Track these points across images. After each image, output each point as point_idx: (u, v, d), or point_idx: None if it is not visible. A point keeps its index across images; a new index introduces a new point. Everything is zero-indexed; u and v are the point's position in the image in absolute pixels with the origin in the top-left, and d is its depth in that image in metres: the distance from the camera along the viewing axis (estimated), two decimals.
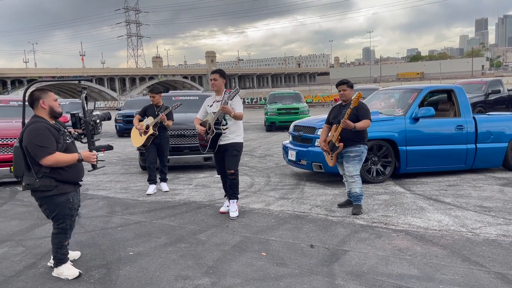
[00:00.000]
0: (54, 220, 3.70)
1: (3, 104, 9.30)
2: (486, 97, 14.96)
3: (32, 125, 3.48)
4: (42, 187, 3.51)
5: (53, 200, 3.59)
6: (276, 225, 5.03)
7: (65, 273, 3.73)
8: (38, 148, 3.40)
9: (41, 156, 3.41)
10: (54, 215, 3.66)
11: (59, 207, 3.63)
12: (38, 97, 3.58)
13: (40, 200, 3.63)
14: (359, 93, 5.18)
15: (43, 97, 3.58)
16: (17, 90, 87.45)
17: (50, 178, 3.52)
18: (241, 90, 14.49)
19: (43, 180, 3.50)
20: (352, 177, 5.44)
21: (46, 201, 3.60)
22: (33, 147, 3.41)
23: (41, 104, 3.57)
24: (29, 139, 3.42)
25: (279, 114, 17.59)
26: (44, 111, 3.59)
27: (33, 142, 3.41)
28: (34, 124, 3.49)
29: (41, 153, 3.40)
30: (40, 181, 3.49)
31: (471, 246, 4.19)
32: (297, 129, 7.73)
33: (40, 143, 3.40)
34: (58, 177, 3.55)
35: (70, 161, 3.54)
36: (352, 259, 3.96)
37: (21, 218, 5.74)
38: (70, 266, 3.81)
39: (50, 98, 3.61)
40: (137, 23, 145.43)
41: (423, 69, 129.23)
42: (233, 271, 3.76)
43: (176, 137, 8.38)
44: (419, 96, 7.43)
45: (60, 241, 3.72)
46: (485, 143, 7.44)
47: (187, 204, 6.14)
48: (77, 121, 3.89)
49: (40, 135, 3.43)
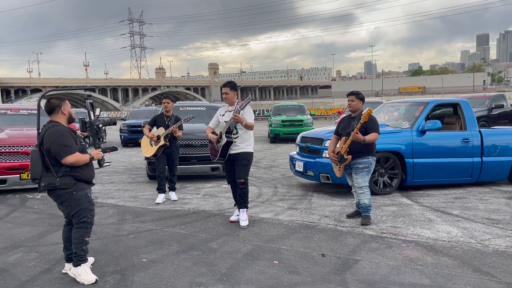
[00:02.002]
0: (76, 216, 3.86)
1: (13, 113, 9.41)
2: (489, 111, 15.07)
3: (54, 128, 3.74)
4: (62, 185, 3.75)
5: (73, 196, 3.82)
6: (286, 234, 5.08)
7: (82, 276, 3.79)
8: (61, 148, 3.66)
9: (64, 155, 3.67)
10: (76, 210, 3.84)
11: (80, 201, 3.84)
12: (58, 105, 3.86)
13: (60, 198, 3.82)
14: (370, 110, 5.27)
15: (63, 105, 3.89)
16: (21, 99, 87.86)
17: (70, 176, 3.78)
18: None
19: (63, 178, 3.75)
20: (361, 188, 5.50)
21: (67, 197, 3.81)
22: (57, 146, 3.66)
23: (62, 111, 3.87)
24: (53, 140, 3.66)
25: (283, 126, 17.69)
26: (64, 117, 3.89)
27: (57, 142, 3.66)
28: (56, 127, 3.76)
29: (64, 152, 3.67)
30: (60, 180, 3.74)
31: (481, 257, 4.23)
32: (305, 141, 7.81)
33: (64, 143, 3.68)
34: (76, 175, 3.81)
35: (86, 160, 3.83)
36: (364, 268, 4.00)
37: (33, 224, 5.79)
38: (88, 270, 3.87)
39: (68, 106, 3.93)
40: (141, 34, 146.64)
41: (425, 84, 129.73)
42: (246, 279, 3.81)
43: (184, 147, 8.46)
44: (425, 109, 7.52)
45: (81, 235, 3.85)
46: (491, 156, 7.50)
47: (197, 213, 6.20)
48: (83, 124, 4.23)
49: (63, 136, 3.71)
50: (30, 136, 8.04)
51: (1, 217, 6.20)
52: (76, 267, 3.85)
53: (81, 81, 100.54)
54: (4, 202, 7.19)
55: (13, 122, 9.07)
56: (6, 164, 7.62)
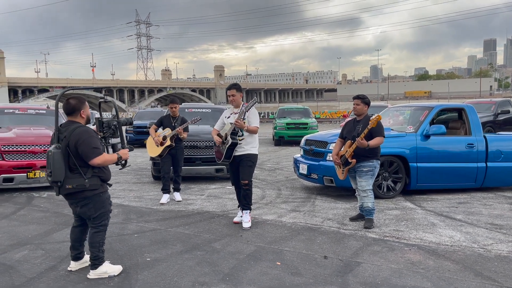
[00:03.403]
0: (97, 218, 3.84)
1: (21, 112, 9.51)
2: (495, 117, 15.03)
3: (81, 128, 3.70)
4: (91, 186, 3.72)
5: (100, 198, 3.81)
6: (289, 236, 5.11)
7: (109, 271, 3.87)
8: (91, 149, 3.63)
9: (93, 156, 3.64)
10: (99, 213, 3.83)
11: (105, 203, 3.85)
12: (78, 108, 3.80)
13: (86, 199, 3.76)
14: (379, 116, 5.29)
15: (83, 108, 3.83)
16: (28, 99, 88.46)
17: (97, 177, 3.77)
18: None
19: (92, 179, 3.73)
20: (365, 191, 5.53)
21: (93, 199, 3.77)
22: (86, 147, 3.62)
23: (81, 114, 3.82)
24: (82, 140, 3.62)
25: (288, 129, 17.74)
26: (82, 119, 3.84)
27: (87, 143, 3.62)
28: (83, 127, 3.72)
29: (93, 154, 3.64)
30: (89, 181, 3.70)
31: (483, 261, 4.24)
32: (309, 143, 7.84)
33: (93, 144, 3.66)
34: (102, 176, 3.82)
35: (113, 161, 3.82)
36: (366, 270, 4.03)
37: (39, 223, 5.86)
38: (109, 264, 3.96)
39: (87, 108, 3.88)
40: (147, 36, 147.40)
41: (431, 88, 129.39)
42: (249, 279, 3.85)
43: (188, 148, 8.51)
44: (430, 113, 7.54)
45: (101, 239, 3.87)
46: (496, 162, 7.50)
47: (201, 214, 6.25)
48: (100, 124, 4.04)
49: (92, 137, 3.70)
50: (38, 135, 8.14)
51: (8, 215, 6.28)
52: (97, 268, 3.86)
53: (87, 82, 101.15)
54: (11, 200, 7.28)
55: (20, 121, 9.18)
56: (13, 163, 7.72)
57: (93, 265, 3.88)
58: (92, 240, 3.86)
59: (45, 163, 7.89)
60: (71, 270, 4.04)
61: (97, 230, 3.86)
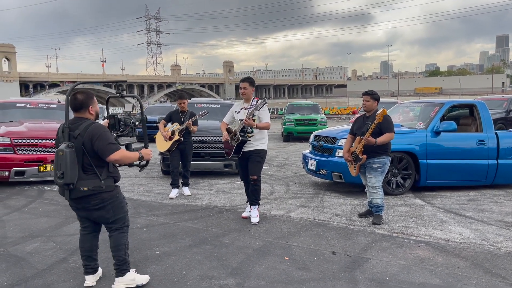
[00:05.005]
0: (119, 220, 3.57)
1: (32, 106, 9.62)
2: (507, 113, 14.81)
3: (94, 125, 3.41)
4: (107, 187, 3.45)
5: (117, 199, 3.56)
6: (297, 232, 5.12)
7: (137, 279, 3.60)
8: (107, 145, 3.35)
9: (111, 152, 3.35)
10: (121, 214, 3.58)
11: (122, 204, 3.60)
12: (86, 103, 3.49)
13: (102, 202, 3.46)
14: (384, 110, 5.26)
15: (91, 104, 3.51)
16: (39, 93, 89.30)
17: (112, 178, 3.52)
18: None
19: (107, 180, 3.47)
20: (374, 188, 5.51)
21: (111, 201, 3.50)
22: (103, 143, 3.34)
23: (90, 110, 3.51)
24: (98, 136, 3.34)
25: (297, 125, 17.69)
26: (91, 116, 3.54)
27: (103, 138, 3.35)
28: (97, 124, 3.45)
29: (111, 149, 3.35)
30: (105, 182, 3.44)
31: (493, 259, 4.21)
32: (318, 139, 7.82)
33: (110, 139, 3.40)
34: (117, 176, 3.58)
35: (133, 158, 3.55)
36: (374, 266, 4.02)
37: (50, 215, 5.94)
38: (134, 272, 3.72)
39: (96, 104, 3.57)
40: (157, 31, 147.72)
41: (442, 85, 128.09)
42: (257, 273, 3.86)
43: (197, 143, 8.54)
44: (441, 110, 7.46)
45: (126, 240, 3.60)
46: (507, 159, 7.41)
47: (209, 209, 6.28)
48: (116, 122, 3.82)
49: (107, 132, 3.45)
50: (49, 129, 8.22)
51: (20, 208, 6.37)
52: (124, 275, 3.55)
53: (97, 77, 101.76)
54: (22, 194, 7.38)
55: (32, 115, 9.29)
56: (25, 157, 7.81)
57: (120, 271, 3.55)
58: (116, 243, 3.54)
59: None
60: (92, 287, 3.64)
61: (121, 231, 3.57)
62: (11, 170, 7.68)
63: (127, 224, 3.65)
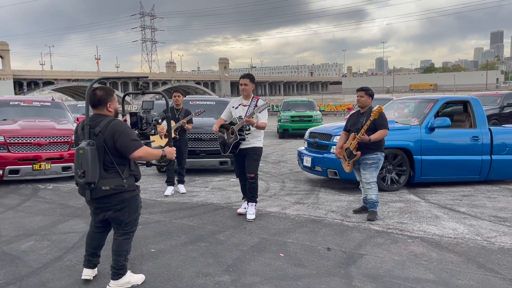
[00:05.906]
0: (129, 223, 3.47)
1: (26, 104, 9.57)
2: (501, 109, 14.91)
3: (115, 121, 3.32)
4: (129, 187, 3.35)
5: (136, 200, 3.47)
6: (292, 228, 5.14)
7: (132, 280, 3.55)
8: (130, 141, 3.25)
9: (134, 149, 3.25)
10: (134, 217, 3.48)
11: (137, 208, 3.50)
12: (105, 100, 3.37)
13: (123, 203, 3.36)
14: (380, 107, 5.28)
15: (110, 100, 3.40)
16: (33, 91, 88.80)
17: (133, 177, 3.41)
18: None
19: (129, 179, 3.36)
20: (369, 183, 5.53)
21: (130, 202, 3.39)
22: (125, 140, 3.23)
23: (108, 107, 3.39)
24: (120, 133, 3.23)
25: (292, 122, 17.71)
26: (110, 113, 3.41)
27: (126, 135, 3.25)
28: (117, 120, 3.36)
29: (134, 146, 3.25)
30: (127, 181, 3.33)
31: (486, 254, 4.25)
32: (313, 136, 7.84)
33: (133, 136, 3.31)
34: (138, 175, 3.48)
35: (156, 156, 3.45)
36: (369, 262, 4.05)
37: (45, 214, 5.92)
38: (131, 273, 3.62)
39: (115, 101, 3.46)
40: (152, 28, 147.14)
41: (437, 81, 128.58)
42: (252, 270, 3.88)
43: (192, 140, 8.53)
44: (435, 106, 7.50)
45: (130, 246, 3.51)
46: (501, 154, 7.46)
47: (205, 206, 6.28)
48: (138, 120, 3.68)
49: (128, 128, 3.36)
50: (43, 127, 8.19)
51: (14, 207, 6.35)
52: (120, 278, 3.46)
53: (92, 74, 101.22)
54: (16, 192, 7.35)
55: (26, 113, 9.24)
56: (19, 155, 7.77)
57: (116, 275, 3.45)
58: (119, 248, 3.44)
59: (50, 155, 8.03)
60: (88, 280, 3.63)
61: (127, 236, 3.46)
62: (5, 169, 7.64)
63: (134, 230, 3.55)
